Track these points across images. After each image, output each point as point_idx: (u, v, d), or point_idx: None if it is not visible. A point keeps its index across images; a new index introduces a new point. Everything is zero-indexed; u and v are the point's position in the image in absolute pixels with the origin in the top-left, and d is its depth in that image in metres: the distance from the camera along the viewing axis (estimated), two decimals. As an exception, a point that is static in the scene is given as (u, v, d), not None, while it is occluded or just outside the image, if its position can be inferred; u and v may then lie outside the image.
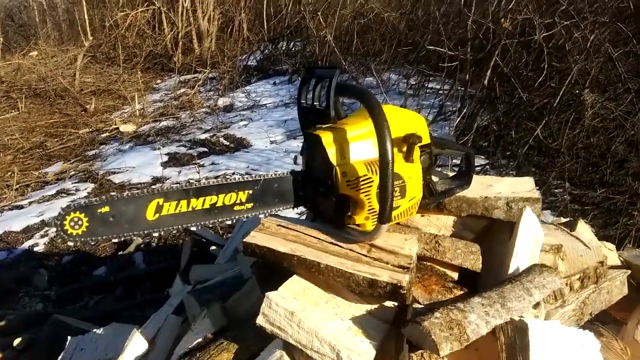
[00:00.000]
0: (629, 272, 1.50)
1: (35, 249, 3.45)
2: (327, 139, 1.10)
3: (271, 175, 1.18)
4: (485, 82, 4.15)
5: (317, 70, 1.17)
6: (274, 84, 8.50)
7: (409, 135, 1.12)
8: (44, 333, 2.18)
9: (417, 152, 1.16)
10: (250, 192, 1.15)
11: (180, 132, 6.53)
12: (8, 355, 2.10)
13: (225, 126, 6.59)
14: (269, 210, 1.20)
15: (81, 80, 9.09)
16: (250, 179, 1.15)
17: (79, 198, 4.26)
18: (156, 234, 3.43)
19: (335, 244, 1.14)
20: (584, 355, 1.09)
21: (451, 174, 1.44)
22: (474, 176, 1.42)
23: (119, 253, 3.33)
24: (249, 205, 1.16)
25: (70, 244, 3.49)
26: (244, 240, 1.17)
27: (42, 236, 3.61)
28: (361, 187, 1.09)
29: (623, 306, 1.50)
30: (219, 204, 1.11)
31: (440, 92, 6.07)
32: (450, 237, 1.28)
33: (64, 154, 6.16)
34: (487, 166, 4.10)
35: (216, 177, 4.47)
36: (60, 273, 3.17)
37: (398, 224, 1.32)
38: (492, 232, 1.37)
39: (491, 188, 1.39)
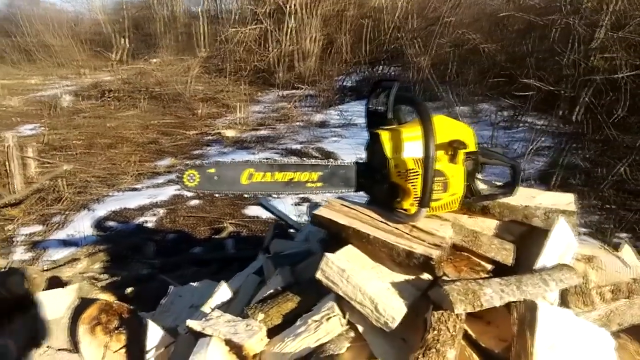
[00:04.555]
0: (666, 294, 1.58)
1: (146, 224, 4.04)
2: (385, 136, 1.38)
3: (339, 163, 1.48)
4: (578, 117, 4.13)
5: (383, 82, 1.46)
6: (368, 105, 8.84)
7: (454, 141, 1.36)
8: (151, 288, 2.65)
9: (461, 156, 1.39)
10: (321, 173, 1.45)
11: (276, 141, 7.06)
12: (120, 300, 2.57)
13: (317, 140, 7.02)
14: (334, 191, 1.49)
15: (193, 87, 10.06)
16: (322, 164, 1.46)
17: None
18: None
19: (385, 223, 1.41)
20: (598, 348, 1.24)
21: (498, 184, 1.64)
22: (522, 188, 1.61)
23: (213, 237, 3.80)
24: (319, 184, 1.46)
25: (186, 192, 4.19)
26: (313, 212, 1.47)
27: (153, 215, 4.21)
28: (409, 178, 1.35)
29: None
30: (295, 179, 1.43)
31: (534, 126, 6.03)
32: (488, 235, 1.49)
33: (173, 151, 6.91)
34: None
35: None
36: (164, 247, 3.70)
37: (447, 220, 1.56)
38: (531, 238, 1.54)
39: (533, 199, 1.56)
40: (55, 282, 2.75)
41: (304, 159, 1.47)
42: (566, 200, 1.54)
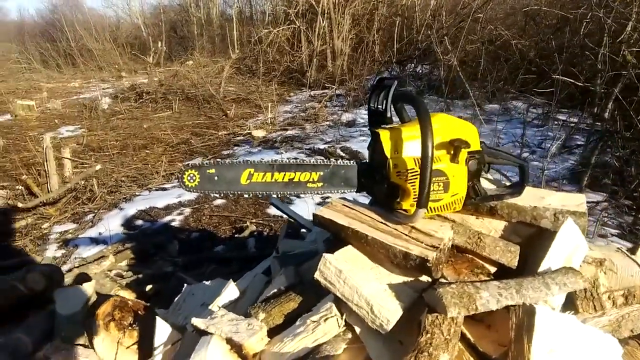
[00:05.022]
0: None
1: (172, 223, 4.14)
2: (384, 136, 1.36)
3: (340, 163, 1.47)
4: (607, 115, 3.96)
5: (385, 80, 1.44)
6: (397, 103, 8.75)
7: (455, 140, 1.33)
8: (169, 285, 2.71)
9: (463, 155, 1.36)
10: (322, 173, 1.45)
11: (304, 141, 7.09)
12: (140, 297, 2.64)
13: (344, 139, 7.01)
14: (335, 191, 1.48)
15: (225, 88, 10.21)
16: (323, 164, 1.45)
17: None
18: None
19: (384, 223, 1.39)
20: (602, 355, 1.19)
21: (507, 184, 1.60)
22: (531, 188, 1.56)
23: (235, 236, 3.85)
24: (320, 184, 1.46)
25: (187, 192, 4.25)
26: (314, 212, 1.47)
27: (179, 214, 4.30)
28: (408, 178, 1.33)
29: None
30: (296, 179, 1.43)
31: (566, 124, 5.84)
32: (493, 236, 1.45)
33: (203, 151, 7.03)
34: (605, 203, 3.87)
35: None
36: (188, 245, 3.78)
37: (454, 221, 1.54)
38: (540, 240, 1.49)
39: (543, 200, 1.51)
40: (82, 279, 2.85)
41: (304, 159, 1.47)
42: (576, 201, 1.48)
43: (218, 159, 1.40)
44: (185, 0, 18.37)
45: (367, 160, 1.50)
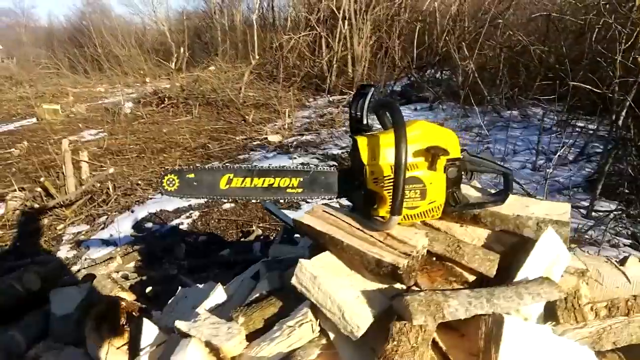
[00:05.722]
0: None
1: (180, 226, 4.20)
2: (362, 142, 1.37)
3: (320, 169, 1.47)
4: (620, 122, 3.86)
5: (365, 87, 1.44)
6: (415, 109, 8.72)
7: (431, 147, 1.32)
8: (172, 288, 2.75)
9: (441, 163, 1.35)
10: (302, 179, 1.45)
11: (319, 146, 7.11)
12: (141, 299, 2.69)
13: (359, 145, 6.97)
14: (315, 197, 1.49)
15: (245, 94, 10.31)
16: (302, 169, 1.46)
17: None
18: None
19: (361, 230, 1.39)
20: (578, 368, 1.16)
21: (492, 191, 1.58)
22: (516, 197, 1.54)
23: (241, 240, 3.89)
24: (299, 190, 1.47)
25: (167, 196, 4.28)
26: (294, 219, 1.48)
27: (187, 217, 4.36)
28: (385, 185, 1.33)
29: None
30: (275, 185, 1.44)
31: (584, 131, 5.71)
32: (472, 244, 1.43)
33: (220, 156, 7.11)
34: (617, 212, 3.76)
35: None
36: (195, 248, 3.83)
37: (439, 229, 1.53)
38: (523, 249, 1.47)
39: (527, 208, 1.49)
40: (89, 280, 2.92)
41: (285, 166, 1.48)
42: (560, 210, 1.45)
43: (197, 165, 1.42)
44: (209, 7, 18.69)
45: (348, 167, 1.50)
